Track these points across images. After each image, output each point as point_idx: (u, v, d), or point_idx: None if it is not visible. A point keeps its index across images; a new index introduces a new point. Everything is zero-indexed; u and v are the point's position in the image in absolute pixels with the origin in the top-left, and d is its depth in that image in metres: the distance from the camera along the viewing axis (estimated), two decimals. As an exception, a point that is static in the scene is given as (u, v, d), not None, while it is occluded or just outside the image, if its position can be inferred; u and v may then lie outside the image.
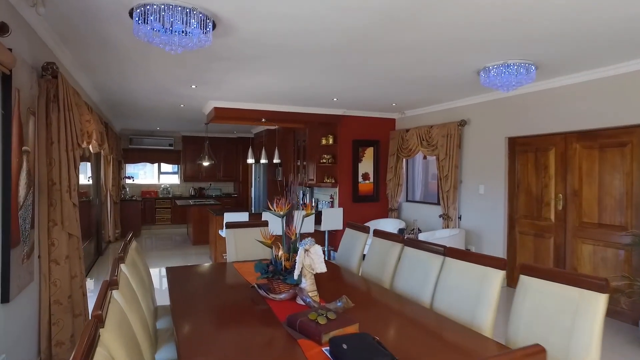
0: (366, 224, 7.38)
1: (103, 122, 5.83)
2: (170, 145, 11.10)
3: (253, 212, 7.49)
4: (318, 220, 7.01)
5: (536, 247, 5.34)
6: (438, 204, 7.03)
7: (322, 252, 2.66)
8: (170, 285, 3.05)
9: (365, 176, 7.62)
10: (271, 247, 2.84)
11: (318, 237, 7.46)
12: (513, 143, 5.66)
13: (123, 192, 9.86)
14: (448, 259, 2.73)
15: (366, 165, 7.62)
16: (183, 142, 11.21)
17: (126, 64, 4.43)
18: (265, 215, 6.49)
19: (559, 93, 4.94)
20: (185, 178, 11.22)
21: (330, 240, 7.46)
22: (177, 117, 8.38)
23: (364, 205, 7.61)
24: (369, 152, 7.65)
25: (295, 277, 2.57)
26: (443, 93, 5.87)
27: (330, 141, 7.42)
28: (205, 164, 9.21)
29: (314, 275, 2.67)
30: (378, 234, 3.58)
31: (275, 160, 7.31)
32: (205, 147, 9.24)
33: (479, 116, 6.10)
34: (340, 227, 7.14)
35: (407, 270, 3.04)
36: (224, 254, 6.89)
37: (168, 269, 3.45)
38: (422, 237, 6.36)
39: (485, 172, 6.02)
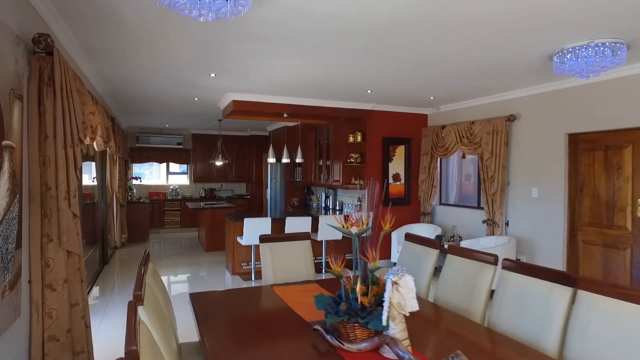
0: (397, 231, 6.63)
1: (109, 117, 5.08)
2: (179, 143, 10.34)
3: (273, 216, 6.73)
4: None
5: (606, 260, 4.57)
6: (478, 207, 6.27)
7: (414, 284, 1.90)
8: (198, 320, 2.30)
9: (396, 177, 6.85)
10: (340, 277, 2.07)
11: (344, 244, 6.73)
12: (575, 140, 4.89)
13: (130, 193, 9.11)
14: (584, 293, 1.96)
15: (397, 165, 6.86)
16: (193, 140, 10.44)
17: (135, 47, 3.66)
18: (291, 224, 5.73)
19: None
20: (196, 179, 10.45)
21: (358, 248, 6.68)
22: (189, 113, 7.61)
23: (394, 209, 6.78)
24: (400, 150, 6.88)
25: (385, 321, 1.80)
26: (493, 84, 5.09)
27: (359, 138, 6.65)
28: (218, 163, 8.46)
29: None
30: (456, 250, 2.81)
31: (298, 160, 6.56)
32: (218, 145, 8.49)
33: (531, 110, 5.33)
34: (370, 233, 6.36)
35: (511, 302, 2.28)
36: (243, 264, 6.13)
37: (192, 297, 2.69)
38: (464, 245, 5.59)
39: (539, 173, 5.24)
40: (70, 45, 3.55)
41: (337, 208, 7.40)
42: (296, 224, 5.83)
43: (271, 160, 6.40)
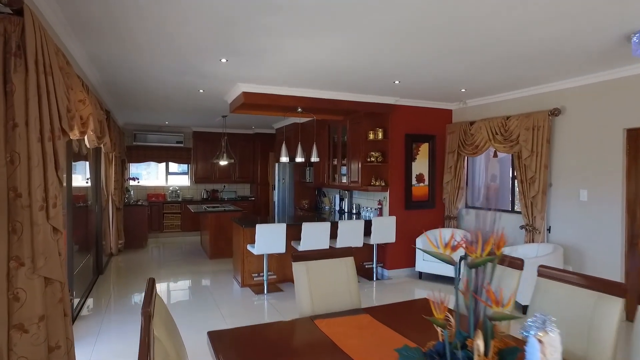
0: (422, 236, 5.98)
1: (103, 110, 4.37)
2: (179, 142, 9.61)
3: (283, 220, 6.04)
4: (367, 231, 5.60)
5: (676, 272, 3.94)
6: (512, 211, 5.64)
7: (559, 339, 1.23)
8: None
9: (420, 178, 6.19)
10: (444, 328, 1.39)
11: (366, 251, 6.07)
12: (635, 136, 4.25)
13: (127, 195, 8.38)
14: None
15: (420, 165, 6.20)
16: (194, 138, 9.71)
17: (130, 21, 2.96)
18: (308, 230, 5.04)
19: None
20: (197, 179, 9.72)
21: (379, 256, 6.03)
22: (192, 108, 6.89)
23: (417, 213, 6.18)
24: (424, 148, 6.22)
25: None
26: (537, 73, 4.44)
27: (380, 135, 5.98)
28: (223, 163, 7.76)
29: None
30: (550, 273, 2.15)
31: (314, 159, 5.89)
32: (222, 143, 7.80)
33: (580, 103, 4.68)
34: (393, 240, 5.74)
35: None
36: (253, 274, 5.44)
37: (213, 338, 2.00)
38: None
39: (588, 173, 4.60)
40: (53, 17, 2.84)
41: (354, 211, 6.73)
42: (313, 231, 5.15)
43: (284, 159, 5.71)
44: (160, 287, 5.54)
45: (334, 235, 5.38)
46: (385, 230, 5.67)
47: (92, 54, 3.85)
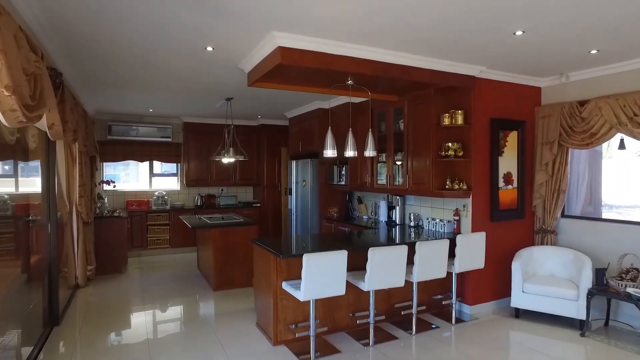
0: (519, 257, 4.13)
1: (42, 58, 2.29)
2: (164, 137, 7.47)
3: (308, 243, 4.16)
4: (451, 253, 3.75)
5: None
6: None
7: None
8: None
9: (508, 178, 4.39)
10: None
11: (437, 280, 4.20)
12: None
13: (99, 204, 6.21)
14: None
15: (508, 161, 4.40)
16: (185, 131, 7.60)
17: None
18: (379, 259, 3.18)
19: None
20: (188, 182, 7.61)
21: (458, 286, 4.18)
22: (189, 83, 4.81)
23: (504, 226, 4.37)
24: (512, 139, 4.42)
25: None
26: None
27: (459, 120, 4.13)
28: (228, 160, 5.73)
29: None
30: None
31: (369, 153, 3.97)
32: (226, 135, 5.79)
33: None
34: (482, 265, 3.93)
35: None
36: (291, 325, 3.48)
37: None
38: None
39: None
40: None
41: (411, 224, 4.84)
42: (384, 259, 3.27)
43: (329, 153, 3.79)
44: (148, 343, 3.52)
45: (408, 261, 3.50)
46: (472, 253, 3.85)
47: None
